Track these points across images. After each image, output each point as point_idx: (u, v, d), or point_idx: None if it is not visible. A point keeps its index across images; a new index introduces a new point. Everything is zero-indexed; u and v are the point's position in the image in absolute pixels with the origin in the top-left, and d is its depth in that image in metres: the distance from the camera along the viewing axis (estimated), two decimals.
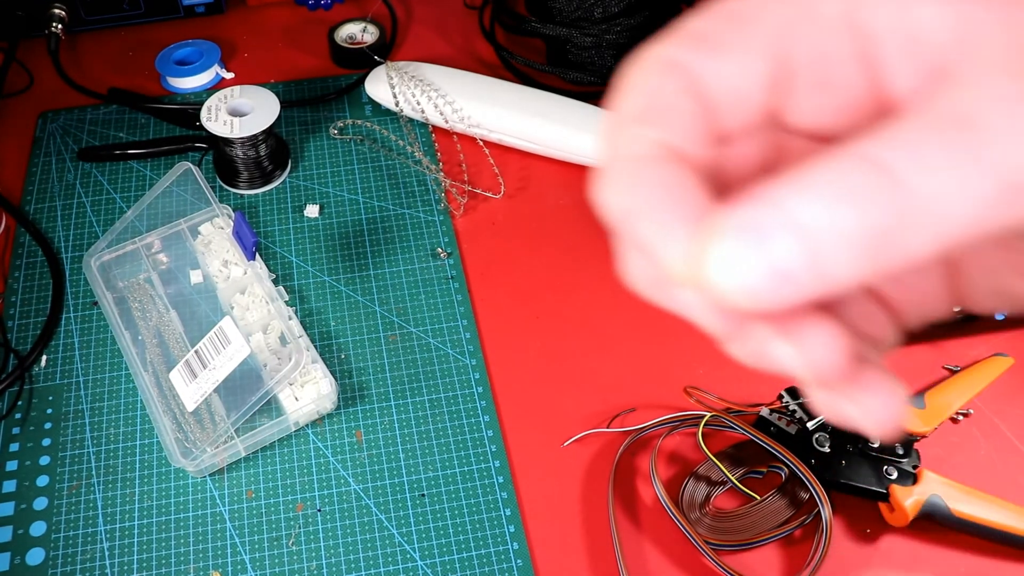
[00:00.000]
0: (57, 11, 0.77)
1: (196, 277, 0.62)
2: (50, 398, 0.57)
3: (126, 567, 0.50)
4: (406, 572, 0.51)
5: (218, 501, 0.53)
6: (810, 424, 0.52)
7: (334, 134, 0.73)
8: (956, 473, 0.52)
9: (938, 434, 0.55)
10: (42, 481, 0.54)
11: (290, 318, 0.59)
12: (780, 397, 0.54)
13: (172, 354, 0.58)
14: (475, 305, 0.63)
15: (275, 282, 0.62)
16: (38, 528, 0.52)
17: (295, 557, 0.51)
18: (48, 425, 0.56)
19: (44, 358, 0.59)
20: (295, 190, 0.69)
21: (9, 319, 0.61)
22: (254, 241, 0.59)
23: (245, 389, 0.55)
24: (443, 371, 0.59)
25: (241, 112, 0.67)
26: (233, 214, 0.61)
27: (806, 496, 0.52)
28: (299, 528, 0.52)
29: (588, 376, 0.59)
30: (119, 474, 0.54)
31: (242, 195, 0.69)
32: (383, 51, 0.78)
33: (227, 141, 0.66)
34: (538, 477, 0.54)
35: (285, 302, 0.60)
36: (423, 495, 0.53)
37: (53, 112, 0.74)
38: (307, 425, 0.56)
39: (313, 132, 0.73)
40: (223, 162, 0.69)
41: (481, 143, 0.72)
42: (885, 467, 0.51)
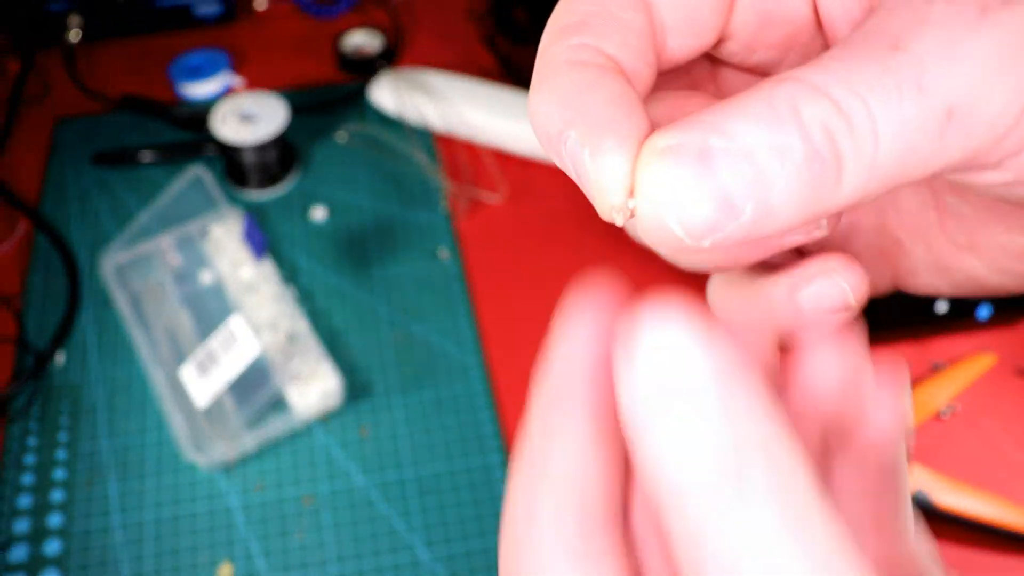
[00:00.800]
0: (73, 21, 0.79)
1: (207, 277, 0.64)
2: (66, 395, 0.59)
3: (139, 558, 0.52)
4: (410, 564, 0.52)
5: (228, 494, 0.55)
6: None
7: (340, 140, 0.75)
8: (940, 467, 0.53)
9: (923, 430, 0.57)
10: (59, 475, 0.55)
11: (297, 317, 0.60)
12: None
13: (184, 352, 0.59)
14: (477, 305, 0.64)
15: (283, 282, 0.63)
16: (55, 520, 0.53)
17: (302, 549, 0.53)
18: (65, 421, 0.57)
19: (61, 356, 0.61)
20: (302, 194, 0.71)
21: (27, 318, 0.63)
22: (263, 243, 0.60)
23: (254, 386, 0.57)
24: (446, 368, 0.61)
25: (250, 118, 0.68)
26: (243, 217, 0.63)
27: None
28: (306, 520, 0.54)
29: None
30: (133, 468, 0.55)
31: (251, 198, 0.70)
32: (388, 59, 0.80)
33: (237, 146, 0.67)
34: None
35: (293, 301, 0.62)
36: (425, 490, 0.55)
37: (69, 119, 0.76)
38: (314, 421, 0.58)
39: (320, 138, 0.75)
40: (233, 167, 0.70)
41: (483, 148, 0.74)
42: None
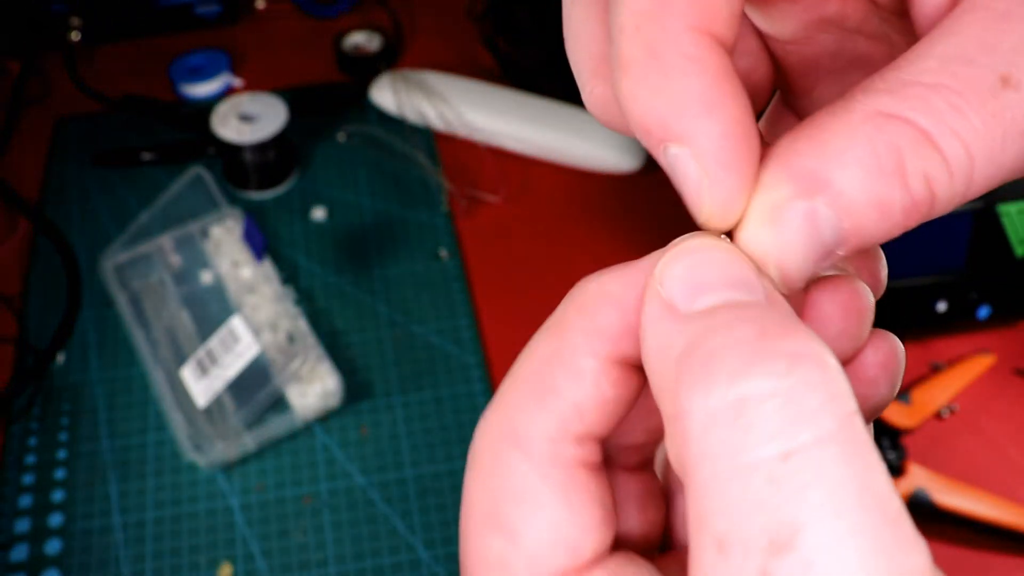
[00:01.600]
0: (73, 21, 0.79)
1: (207, 278, 0.64)
2: (67, 394, 0.59)
3: (140, 557, 0.52)
4: (410, 563, 0.52)
5: (228, 494, 0.55)
6: None
7: (340, 140, 0.75)
8: (940, 467, 0.53)
9: (923, 430, 0.57)
10: (59, 474, 0.55)
11: (297, 317, 0.60)
12: None
13: (184, 352, 0.59)
14: (477, 304, 0.64)
15: (283, 282, 0.63)
16: (55, 520, 0.53)
17: (303, 548, 0.53)
18: (65, 421, 0.58)
19: (61, 356, 0.61)
20: (302, 194, 0.71)
21: (28, 318, 0.63)
22: (263, 243, 0.61)
23: (254, 386, 0.57)
24: (446, 368, 0.61)
25: (250, 118, 0.68)
26: (243, 217, 0.63)
27: None
28: (306, 520, 0.54)
29: None
30: (133, 468, 0.56)
31: (251, 198, 0.70)
32: (388, 60, 0.80)
33: (237, 146, 0.68)
34: None
35: (293, 302, 0.62)
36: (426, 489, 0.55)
37: (69, 119, 0.76)
38: (314, 421, 0.58)
39: (320, 138, 0.75)
40: (233, 167, 0.70)
41: (482, 148, 0.74)
42: None
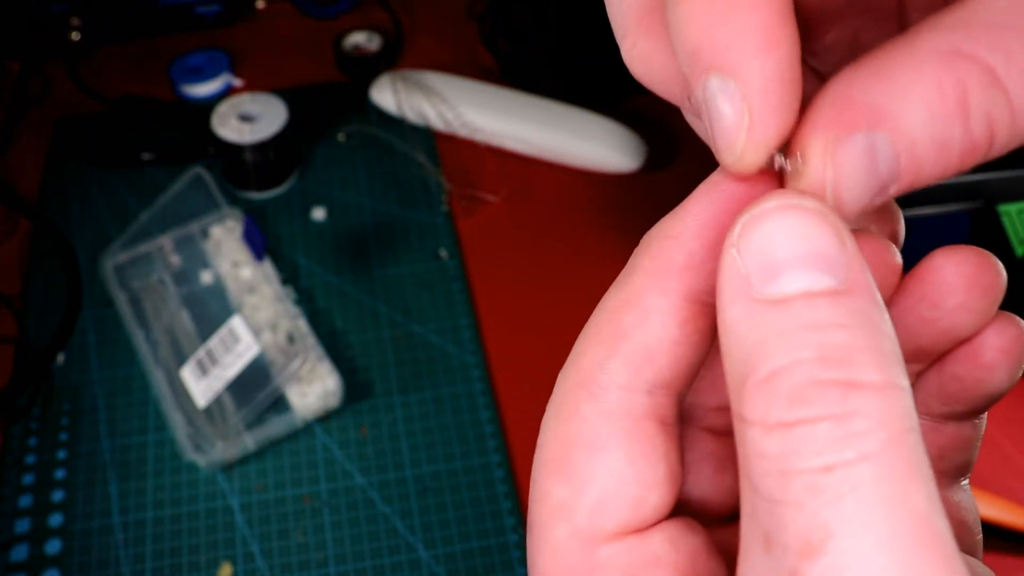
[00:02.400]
0: (73, 22, 0.79)
1: (207, 278, 0.64)
2: (67, 395, 0.59)
3: (140, 557, 0.52)
4: (410, 563, 0.52)
5: (228, 494, 0.55)
6: None
7: (340, 140, 0.75)
8: None
9: None
10: (59, 474, 0.55)
11: (297, 317, 0.60)
12: None
13: (184, 352, 0.59)
14: (477, 305, 0.64)
15: (283, 282, 0.63)
16: (55, 520, 0.53)
17: (303, 548, 0.53)
18: (65, 421, 0.58)
19: (61, 356, 0.61)
20: (303, 194, 0.71)
21: (28, 318, 0.63)
22: (263, 243, 0.61)
23: (254, 386, 0.57)
24: (446, 368, 0.61)
25: (250, 118, 0.68)
26: (243, 217, 0.63)
27: None
28: (306, 520, 0.54)
29: None
30: (133, 468, 0.56)
31: (251, 198, 0.71)
32: (388, 60, 0.80)
33: (237, 146, 0.68)
34: None
35: (293, 302, 0.62)
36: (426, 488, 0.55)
37: (69, 119, 0.76)
38: (314, 421, 0.58)
39: (320, 138, 0.75)
40: (233, 167, 0.70)
41: (483, 148, 0.74)
42: None
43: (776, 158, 0.16)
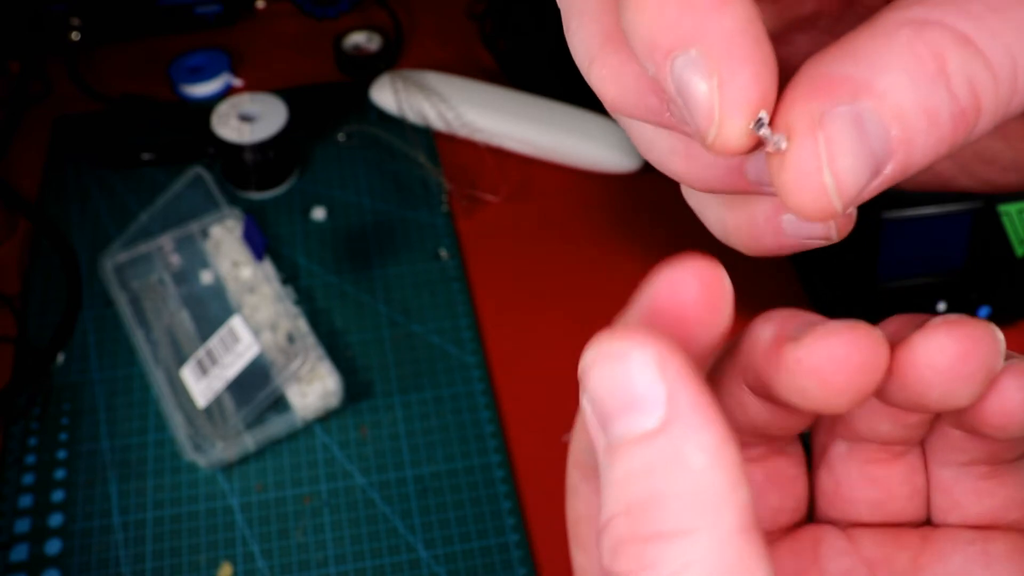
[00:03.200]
0: (73, 22, 0.79)
1: (207, 278, 0.64)
2: (67, 394, 0.59)
3: (140, 557, 0.52)
4: (410, 563, 0.52)
5: (228, 494, 0.55)
6: None
7: (340, 140, 0.75)
8: None
9: None
10: (59, 474, 0.55)
11: (297, 317, 0.60)
12: None
13: (184, 352, 0.59)
14: (477, 305, 0.64)
15: (283, 282, 0.63)
16: (55, 520, 0.53)
17: (303, 548, 0.53)
18: (65, 421, 0.58)
19: (61, 356, 0.61)
20: (303, 194, 0.71)
21: (28, 318, 0.63)
22: (263, 243, 0.61)
23: (254, 386, 0.57)
24: (446, 368, 0.61)
25: (250, 118, 0.68)
26: (243, 217, 0.63)
27: None
28: (306, 520, 0.54)
29: None
30: (133, 468, 0.56)
31: (251, 198, 0.71)
32: (388, 60, 0.80)
33: (237, 146, 0.68)
34: (538, 471, 0.56)
35: (293, 301, 0.62)
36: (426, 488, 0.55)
37: (69, 119, 0.76)
38: (314, 421, 0.58)
39: (320, 138, 0.75)
40: (233, 167, 0.70)
41: (483, 148, 0.74)
42: None
43: (763, 131, 0.15)
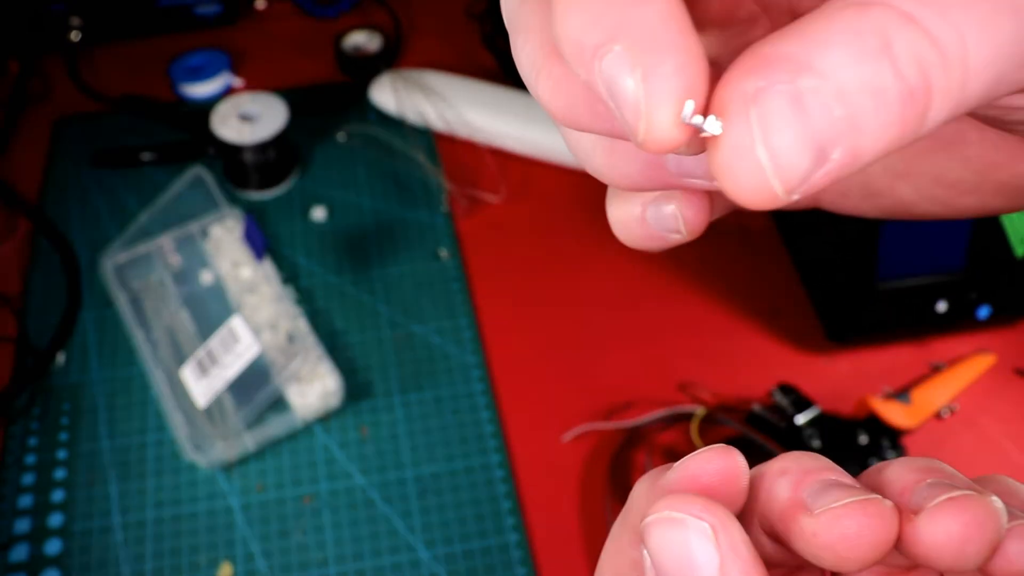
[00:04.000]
0: (73, 22, 0.79)
1: (207, 278, 0.64)
2: (67, 394, 0.59)
3: (140, 557, 0.52)
4: (410, 563, 0.52)
5: (228, 494, 0.55)
6: (800, 421, 0.54)
7: (340, 140, 0.75)
8: None
9: (924, 430, 0.57)
10: (59, 475, 0.55)
11: (297, 317, 0.60)
12: (772, 395, 0.55)
13: (184, 352, 0.59)
14: (476, 305, 0.64)
15: (283, 282, 0.63)
16: (55, 520, 0.53)
17: (303, 548, 0.53)
18: (65, 421, 0.58)
19: (61, 356, 0.61)
20: (303, 194, 0.71)
21: (28, 318, 0.63)
22: (263, 243, 0.61)
23: (254, 386, 0.57)
24: (445, 368, 0.61)
25: (250, 118, 0.68)
26: (243, 217, 0.63)
27: None
28: (306, 520, 0.54)
29: (586, 373, 0.60)
30: (133, 468, 0.56)
31: (251, 198, 0.71)
32: (388, 60, 0.80)
33: (237, 146, 0.68)
34: (538, 471, 0.56)
35: (293, 301, 0.62)
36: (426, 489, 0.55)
37: (69, 119, 0.76)
38: (314, 421, 0.58)
39: (320, 138, 0.75)
40: (233, 167, 0.70)
41: (483, 148, 0.74)
42: (871, 461, 0.53)
43: (694, 120, 0.14)
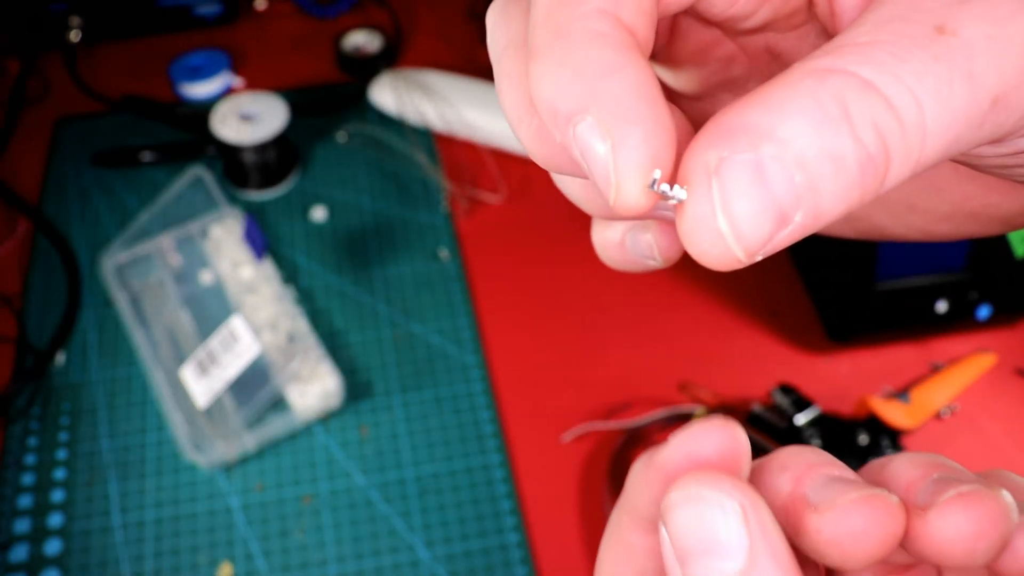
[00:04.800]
0: (73, 21, 0.79)
1: (207, 278, 0.64)
2: (67, 394, 0.59)
3: (140, 557, 0.52)
4: (410, 563, 0.52)
5: (228, 494, 0.55)
6: (800, 421, 0.54)
7: (340, 140, 0.75)
8: None
9: (924, 430, 0.57)
10: (59, 475, 0.55)
11: (297, 317, 0.60)
12: (772, 395, 0.55)
13: (184, 352, 0.59)
14: (476, 305, 0.64)
15: (283, 282, 0.63)
16: (55, 520, 0.53)
17: (303, 548, 0.53)
18: (65, 421, 0.58)
19: (61, 356, 0.61)
20: (303, 194, 0.71)
21: (28, 318, 0.63)
22: (263, 243, 0.61)
23: (254, 385, 0.57)
24: (445, 368, 0.61)
25: (250, 118, 0.68)
26: (243, 217, 0.63)
27: None
28: (306, 520, 0.54)
29: (586, 373, 0.60)
30: (133, 468, 0.56)
31: (251, 198, 0.71)
32: (388, 60, 0.80)
33: (237, 146, 0.68)
34: (538, 471, 0.56)
35: (293, 301, 0.62)
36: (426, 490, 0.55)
37: (69, 119, 0.76)
38: (314, 421, 0.58)
39: (320, 138, 0.75)
40: (233, 167, 0.70)
41: (482, 148, 0.74)
42: (871, 460, 0.53)
43: (661, 188, 0.15)
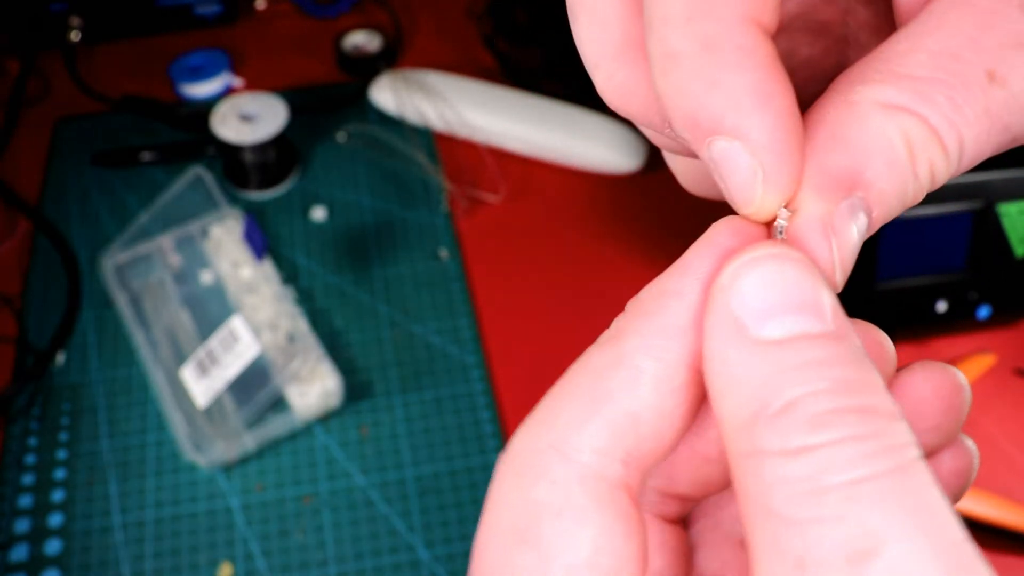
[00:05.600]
0: (73, 21, 0.79)
1: (207, 278, 0.64)
2: (67, 394, 0.59)
3: (140, 557, 0.52)
4: (410, 563, 0.52)
5: (228, 494, 0.55)
6: None
7: (340, 140, 0.75)
8: None
9: None
10: (59, 475, 0.55)
11: (297, 317, 0.60)
12: None
13: (184, 352, 0.59)
14: (477, 304, 0.64)
15: (283, 282, 0.63)
16: (55, 520, 0.53)
17: (303, 548, 0.53)
18: (65, 421, 0.58)
19: (61, 356, 0.61)
20: (303, 193, 0.71)
21: (28, 318, 0.63)
22: (263, 243, 0.61)
23: (254, 385, 0.57)
24: (446, 368, 0.61)
25: (250, 118, 0.68)
26: (243, 217, 0.63)
27: None
28: (306, 520, 0.54)
29: None
30: (133, 468, 0.56)
31: (251, 198, 0.71)
32: (388, 60, 0.80)
33: (237, 146, 0.68)
34: None
35: (293, 301, 0.62)
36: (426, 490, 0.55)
37: (69, 119, 0.76)
38: (314, 421, 0.58)
39: (320, 138, 0.75)
40: (233, 167, 0.70)
41: (483, 148, 0.74)
42: None
43: (781, 210, 0.17)
